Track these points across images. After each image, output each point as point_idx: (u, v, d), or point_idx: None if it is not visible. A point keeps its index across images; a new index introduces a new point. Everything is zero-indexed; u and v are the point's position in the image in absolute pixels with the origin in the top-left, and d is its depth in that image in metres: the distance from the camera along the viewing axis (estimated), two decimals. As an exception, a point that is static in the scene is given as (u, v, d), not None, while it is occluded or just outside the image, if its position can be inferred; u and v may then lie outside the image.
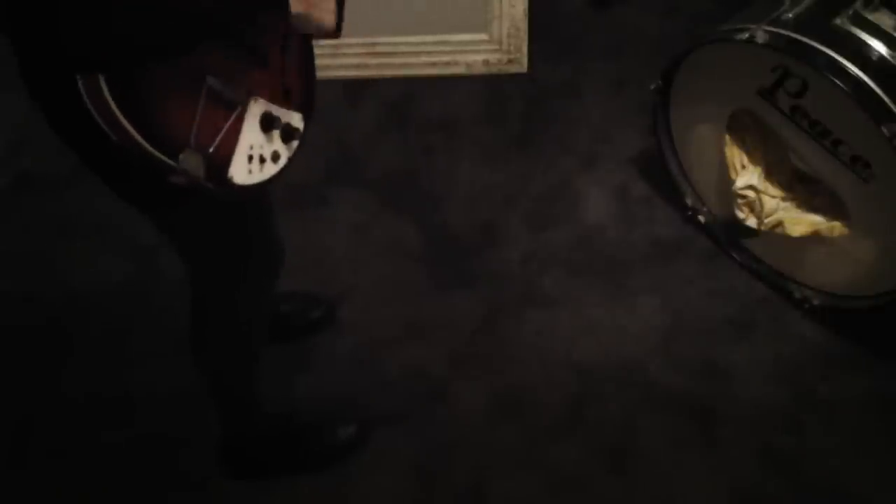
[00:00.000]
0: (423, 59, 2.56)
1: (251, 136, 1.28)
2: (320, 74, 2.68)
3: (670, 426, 1.98)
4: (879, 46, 1.83)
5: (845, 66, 1.78)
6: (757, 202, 2.08)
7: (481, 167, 2.40)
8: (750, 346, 2.09)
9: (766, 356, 2.07)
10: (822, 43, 1.80)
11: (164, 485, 1.92)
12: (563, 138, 2.44)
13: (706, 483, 1.91)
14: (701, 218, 2.24)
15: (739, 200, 2.10)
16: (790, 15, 1.88)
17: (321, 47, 2.55)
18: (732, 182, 2.09)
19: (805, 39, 1.82)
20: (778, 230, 2.07)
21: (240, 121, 1.26)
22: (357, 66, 2.56)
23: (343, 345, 2.10)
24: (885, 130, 1.73)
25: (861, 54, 1.81)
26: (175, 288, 1.99)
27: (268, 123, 1.31)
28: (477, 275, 2.21)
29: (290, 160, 1.35)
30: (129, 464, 1.94)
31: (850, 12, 1.86)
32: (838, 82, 1.76)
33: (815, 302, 2.09)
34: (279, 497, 1.90)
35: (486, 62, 2.57)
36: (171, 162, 1.17)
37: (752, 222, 2.10)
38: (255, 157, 1.29)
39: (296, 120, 1.38)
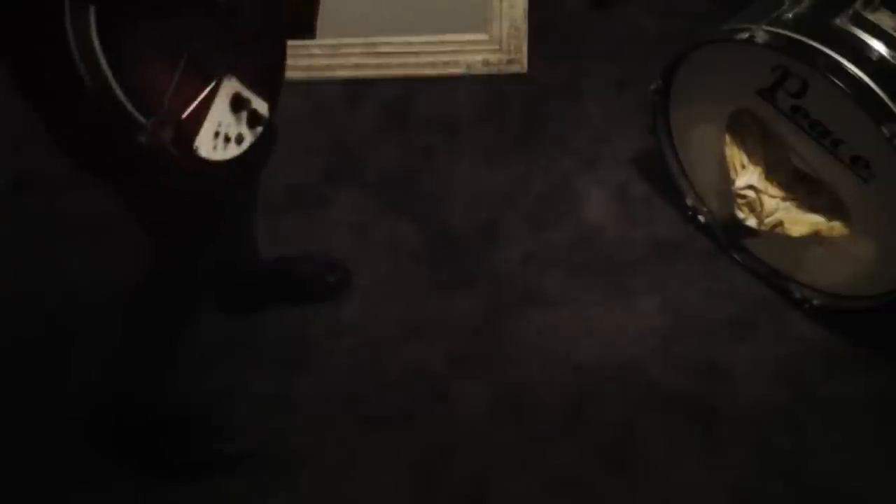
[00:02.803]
0: (423, 59, 2.56)
1: (220, 113, 1.29)
2: (320, 74, 2.69)
3: (670, 426, 1.98)
4: (879, 46, 1.83)
5: (845, 66, 1.78)
6: (757, 202, 2.08)
7: (481, 167, 2.40)
8: (750, 346, 2.09)
9: (766, 356, 2.07)
10: (822, 43, 1.80)
11: (162, 485, 1.92)
12: (563, 138, 2.44)
13: (706, 483, 1.90)
14: (701, 218, 2.24)
15: (739, 200, 2.10)
16: (790, 15, 1.88)
17: (321, 47, 2.58)
18: (732, 182, 2.09)
19: (805, 39, 1.82)
20: (778, 230, 2.07)
21: (213, 95, 1.27)
22: (357, 66, 2.56)
23: (343, 345, 2.10)
24: (885, 130, 1.73)
25: (861, 54, 1.81)
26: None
27: (238, 104, 1.32)
28: (477, 275, 2.21)
29: (251, 146, 1.36)
30: (128, 463, 1.94)
31: (850, 12, 1.86)
32: (838, 82, 1.76)
33: (815, 302, 2.09)
34: (279, 497, 1.90)
35: (485, 62, 2.57)
36: (141, 118, 1.17)
37: (752, 222, 2.10)
38: (220, 134, 1.29)
39: (263, 107, 1.38)
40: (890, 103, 1.76)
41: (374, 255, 2.25)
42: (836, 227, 2.00)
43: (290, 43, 2.59)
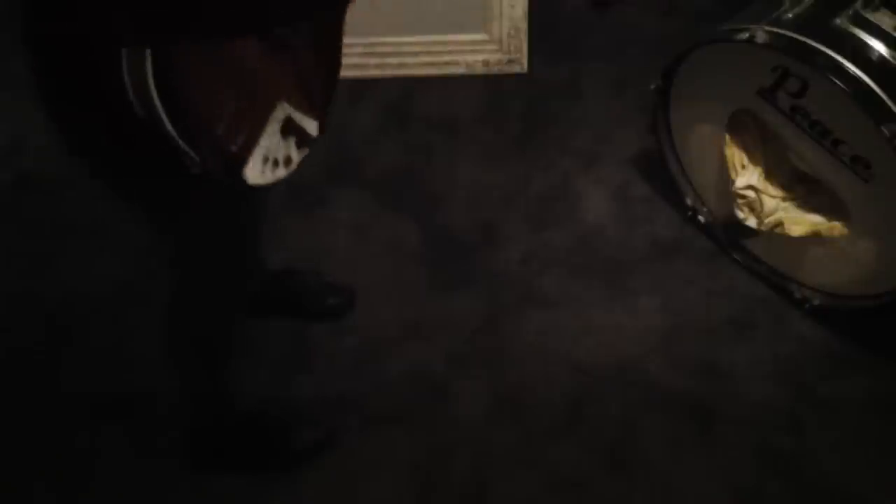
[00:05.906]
0: (423, 59, 2.56)
1: (270, 139, 1.25)
2: (320, 74, 2.63)
3: (670, 426, 1.98)
4: (879, 46, 1.83)
5: (845, 66, 1.78)
6: (757, 202, 2.08)
7: (481, 167, 2.40)
8: (750, 346, 2.09)
9: (766, 356, 2.07)
10: (822, 43, 1.80)
11: (163, 485, 1.92)
12: (563, 138, 2.44)
13: (706, 483, 1.91)
14: (701, 218, 2.24)
15: (739, 200, 2.10)
16: (790, 15, 1.88)
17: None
18: (732, 182, 2.09)
19: (805, 39, 1.82)
20: (778, 230, 2.07)
21: (264, 121, 1.24)
22: (357, 66, 2.56)
23: (343, 345, 2.10)
24: (885, 130, 1.73)
25: (861, 54, 1.81)
26: (174, 288, 1.99)
27: (288, 129, 1.29)
28: (477, 275, 2.22)
29: (297, 166, 1.33)
30: (128, 463, 1.94)
31: (850, 12, 1.86)
32: (838, 82, 1.76)
33: (816, 302, 2.09)
34: (280, 496, 1.90)
35: (485, 62, 2.57)
36: (192, 152, 1.15)
37: (752, 222, 2.10)
38: (269, 160, 1.26)
39: (311, 128, 1.35)
40: (890, 103, 1.76)
41: (373, 255, 2.25)
42: (836, 227, 2.00)
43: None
